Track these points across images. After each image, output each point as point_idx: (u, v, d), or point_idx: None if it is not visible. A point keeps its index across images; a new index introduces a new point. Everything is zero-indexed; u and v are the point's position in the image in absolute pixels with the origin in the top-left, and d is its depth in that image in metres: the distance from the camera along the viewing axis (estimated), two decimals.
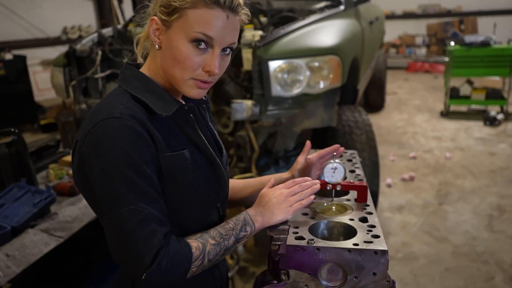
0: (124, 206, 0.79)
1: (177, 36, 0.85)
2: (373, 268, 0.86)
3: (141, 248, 0.79)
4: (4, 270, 1.42)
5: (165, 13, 0.86)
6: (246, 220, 0.95)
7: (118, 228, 0.80)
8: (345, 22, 2.90)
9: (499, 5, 8.01)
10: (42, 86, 6.17)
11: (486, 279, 2.37)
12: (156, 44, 0.89)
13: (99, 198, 0.82)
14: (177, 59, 0.86)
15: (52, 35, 6.77)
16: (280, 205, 0.97)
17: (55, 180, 2.00)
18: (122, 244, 0.81)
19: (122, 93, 0.90)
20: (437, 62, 8.39)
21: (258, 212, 0.97)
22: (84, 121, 0.88)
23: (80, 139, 0.85)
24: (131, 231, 0.79)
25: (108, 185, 0.80)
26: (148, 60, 0.95)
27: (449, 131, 4.90)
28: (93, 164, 0.81)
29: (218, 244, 0.89)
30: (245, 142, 2.44)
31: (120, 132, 0.81)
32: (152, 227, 0.80)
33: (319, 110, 2.44)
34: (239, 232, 0.93)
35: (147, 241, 0.79)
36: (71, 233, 1.69)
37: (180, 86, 0.90)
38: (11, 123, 2.72)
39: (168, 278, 0.81)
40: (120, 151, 0.80)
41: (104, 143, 0.80)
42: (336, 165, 1.07)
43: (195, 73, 0.87)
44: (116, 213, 0.79)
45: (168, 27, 0.86)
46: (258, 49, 2.30)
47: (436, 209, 3.18)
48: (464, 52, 5.13)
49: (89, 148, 0.82)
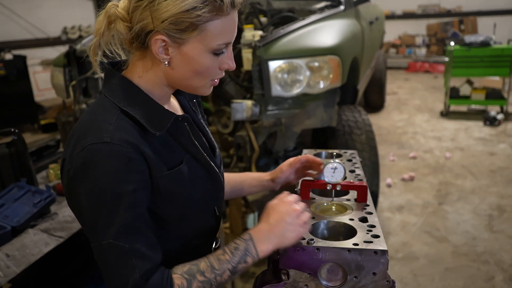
0: (105, 239, 0.76)
1: (196, 51, 0.82)
2: (373, 268, 0.86)
3: (117, 282, 0.77)
4: (4, 270, 1.42)
5: (176, 30, 0.79)
6: (247, 250, 0.84)
7: (99, 258, 0.79)
8: (345, 22, 2.90)
9: (499, 5, 8.01)
10: (42, 86, 6.17)
11: (486, 279, 2.37)
12: (165, 61, 0.83)
13: (85, 223, 0.81)
14: (198, 71, 0.84)
15: (52, 35, 6.77)
16: (293, 224, 0.86)
17: (55, 180, 2.01)
18: (103, 272, 0.79)
19: (112, 107, 0.83)
20: (437, 62, 8.39)
21: (265, 238, 0.85)
22: (72, 137, 0.83)
23: (68, 160, 0.82)
24: (109, 265, 0.77)
25: (93, 214, 0.78)
26: (136, 68, 0.87)
27: (449, 131, 4.90)
28: (80, 190, 0.79)
29: (207, 281, 0.81)
30: (245, 142, 2.44)
31: (109, 159, 0.77)
32: (131, 264, 0.76)
33: (319, 110, 2.44)
34: (236, 265, 0.83)
35: (124, 277, 0.76)
36: (71, 233, 1.69)
37: (196, 91, 0.89)
38: (11, 123, 2.72)
39: None
40: (106, 180, 0.76)
41: (92, 170, 0.77)
42: (336, 165, 1.07)
43: (213, 76, 0.87)
44: (96, 244, 0.78)
45: (181, 43, 0.81)
46: (258, 49, 2.29)
47: (436, 209, 3.18)
48: (464, 52, 5.13)
49: (76, 172, 0.79)
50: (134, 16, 0.81)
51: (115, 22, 0.84)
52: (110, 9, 0.84)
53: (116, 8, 0.84)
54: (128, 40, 0.85)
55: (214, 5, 0.79)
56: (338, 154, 1.40)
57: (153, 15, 0.79)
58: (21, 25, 6.37)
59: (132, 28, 0.82)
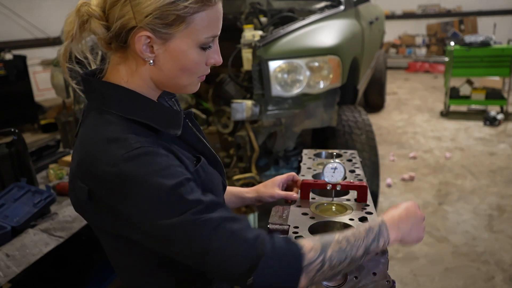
0: (198, 230, 0.70)
1: (184, 46, 0.76)
2: (373, 268, 0.86)
3: (241, 263, 0.71)
4: (4, 270, 1.42)
5: (161, 24, 0.74)
6: (381, 232, 0.82)
7: (205, 253, 0.71)
8: (345, 22, 2.90)
9: (499, 5, 8.01)
10: (42, 86, 6.17)
11: (486, 279, 2.37)
12: (150, 60, 0.77)
13: (161, 230, 0.71)
14: (186, 68, 0.79)
15: (52, 35, 6.76)
16: (418, 227, 0.87)
17: (55, 180, 2.01)
18: (214, 259, 0.72)
19: (116, 119, 0.77)
20: (437, 62, 8.39)
21: (396, 226, 0.83)
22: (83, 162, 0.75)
23: (96, 187, 0.73)
24: (222, 249, 0.71)
25: (168, 216, 0.70)
26: (119, 73, 0.80)
27: (449, 131, 4.90)
28: (130, 207, 0.71)
29: (343, 250, 0.77)
30: (245, 142, 2.44)
31: (152, 160, 0.72)
32: (243, 236, 0.72)
33: (319, 110, 2.44)
34: (370, 243, 0.80)
35: (248, 252, 0.72)
36: (71, 233, 1.69)
37: (184, 90, 0.83)
38: (11, 123, 2.72)
39: (277, 280, 0.72)
40: (158, 178, 0.71)
41: (134, 179, 0.70)
42: (336, 165, 1.07)
43: (200, 72, 0.82)
44: (189, 241, 0.71)
45: (167, 39, 0.76)
46: (258, 49, 2.30)
47: (436, 209, 3.18)
48: (464, 52, 5.13)
49: (118, 189, 0.71)
50: (112, 13, 0.75)
51: (89, 22, 0.77)
52: (82, 8, 0.77)
53: (88, 6, 0.76)
54: (105, 40, 0.78)
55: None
56: (338, 154, 1.40)
57: (135, 10, 0.73)
58: (21, 25, 6.37)
59: (110, 26, 0.76)
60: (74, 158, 0.79)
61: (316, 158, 1.37)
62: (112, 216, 0.75)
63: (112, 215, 0.75)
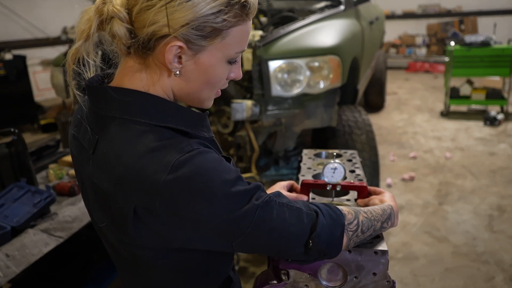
0: (262, 213, 0.72)
1: (214, 59, 0.73)
2: (373, 268, 0.86)
3: (301, 236, 0.76)
4: (4, 270, 1.42)
5: (198, 36, 0.70)
6: (391, 215, 0.92)
7: (276, 217, 0.74)
8: (345, 22, 2.90)
9: (499, 5, 8.01)
10: (42, 86, 6.18)
11: (486, 279, 2.37)
12: (177, 71, 0.73)
13: (226, 227, 0.71)
14: (211, 82, 0.76)
15: (52, 35, 6.77)
16: (397, 215, 0.96)
17: (55, 180, 2.00)
18: (279, 234, 0.75)
19: (150, 127, 0.71)
20: (437, 62, 8.39)
21: (397, 213, 0.94)
22: (123, 179, 0.68)
23: (148, 200, 0.67)
24: (290, 203, 0.77)
25: (231, 213, 0.70)
26: (138, 81, 0.75)
27: (449, 131, 4.90)
28: (200, 207, 0.68)
29: (369, 219, 0.86)
30: (245, 142, 2.44)
31: (207, 159, 0.70)
32: (296, 210, 0.77)
33: (319, 110, 2.44)
34: (385, 221, 0.90)
35: (304, 224, 0.76)
36: (71, 233, 1.69)
37: (201, 104, 0.80)
38: (11, 123, 2.72)
39: (330, 238, 0.78)
40: (219, 176, 0.70)
41: (199, 179, 0.68)
42: (336, 165, 1.07)
43: (220, 86, 0.80)
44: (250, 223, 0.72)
45: (198, 51, 0.72)
46: (258, 49, 2.29)
47: (436, 209, 3.18)
48: (464, 52, 5.13)
49: (181, 194, 0.67)
50: (142, 18, 0.69)
51: (110, 22, 0.71)
52: (105, 6, 0.71)
53: (112, 5, 0.70)
54: (125, 44, 0.72)
55: (241, 10, 0.72)
56: (338, 154, 1.40)
57: (170, 17, 0.68)
58: (21, 25, 6.37)
59: (134, 31, 0.70)
60: (104, 178, 0.71)
61: (316, 158, 1.37)
62: (167, 228, 0.71)
63: (169, 226, 0.70)
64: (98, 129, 0.74)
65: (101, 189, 0.73)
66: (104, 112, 0.74)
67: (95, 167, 0.74)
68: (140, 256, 0.77)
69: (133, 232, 0.71)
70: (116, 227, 0.74)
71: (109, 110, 0.73)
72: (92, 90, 0.75)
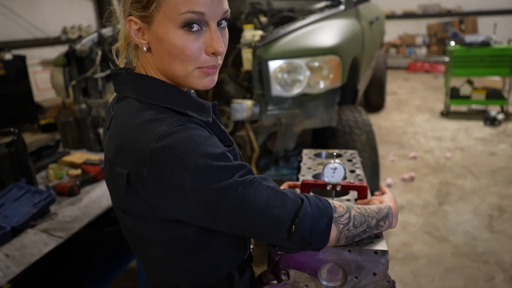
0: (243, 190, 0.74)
1: (164, 28, 0.75)
2: (373, 268, 0.86)
3: (284, 220, 0.76)
4: (4, 270, 1.42)
5: (140, 8, 0.75)
6: (388, 214, 0.92)
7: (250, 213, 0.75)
8: (345, 22, 2.89)
9: (499, 5, 8.01)
10: (42, 86, 6.17)
11: (487, 279, 2.37)
12: (144, 46, 0.79)
13: (208, 199, 0.74)
14: (173, 53, 0.76)
15: (52, 35, 6.77)
16: (397, 216, 0.96)
17: (55, 180, 2.00)
18: (262, 215, 0.76)
19: (151, 105, 0.79)
20: (437, 62, 8.39)
21: (395, 214, 0.94)
22: (122, 147, 0.76)
23: (139, 166, 0.73)
24: (277, 187, 0.78)
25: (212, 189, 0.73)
26: (139, 67, 0.85)
27: (449, 131, 4.90)
28: (182, 176, 0.72)
29: (362, 215, 0.86)
30: (245, 142, 2.44)
31: (194, 134, 0.74)
32: (281, 195, 0.78)
33: (319, 110, 2.44)
34: (381, 219, 0.90)
35: (288, 209, 0.77)
36: (71, 233, 1.69)
37: (187, 82, 0.80)
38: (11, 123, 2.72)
39: (315, 227, 0.78)
40: (203, 149, 0.73)
41: (183, 148, 0.72)
42: (336, 165, 1.07)
43: (199, 61, 0.77)
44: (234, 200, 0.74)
45: (150, 22, 0.76)
46: (258, 49, 2.29)
47: (436, 209, 3.18)
48: (464, 52, 5.13)
49: (166, 162, 0.72)
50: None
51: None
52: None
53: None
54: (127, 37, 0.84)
55: None
56: (338, 154, 1.40)
57: (123, 1, 0.79)
58: (21, 25, 6.38)
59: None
60: (111, 148, 0.79)
61: (316, 158, 1.37)
62: (154, 196, 0.75)
63: (155, 194, 0.74)
64: (115, 107, 0.85)
65: (108, 160, 0.81)
66: (120, 93, 0.84)
67: (108, 141, 0.82)
68: (136, 229, 0.83)
69: (125, 198, 0.78)
70: (115, 194, 0.82)
71: (123, 90, 0.84)
72: (114, 75, 0.86)
